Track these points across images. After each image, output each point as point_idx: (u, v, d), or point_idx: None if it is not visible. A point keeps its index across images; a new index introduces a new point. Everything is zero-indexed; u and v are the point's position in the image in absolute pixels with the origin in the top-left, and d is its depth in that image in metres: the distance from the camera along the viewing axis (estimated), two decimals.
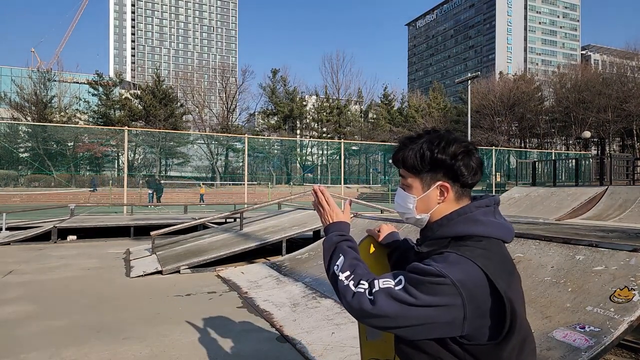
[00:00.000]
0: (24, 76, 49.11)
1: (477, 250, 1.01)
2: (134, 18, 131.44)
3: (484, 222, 1.08)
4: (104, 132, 32.29)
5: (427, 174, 1.12)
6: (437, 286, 0.94)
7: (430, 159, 1.09)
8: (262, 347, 3.24)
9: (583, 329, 2.49)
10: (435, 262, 0.99)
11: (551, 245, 3.50)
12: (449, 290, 0.94)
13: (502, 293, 0.97)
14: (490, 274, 0.97)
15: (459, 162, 1.08)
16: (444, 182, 1.10)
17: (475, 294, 0.96)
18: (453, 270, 0.96)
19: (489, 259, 1.01)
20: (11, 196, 25.55)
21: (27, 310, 4.17)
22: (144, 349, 3.18)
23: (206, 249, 6.71)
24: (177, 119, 50.25)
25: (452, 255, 1.00)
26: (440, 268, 0.96)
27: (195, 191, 33.40)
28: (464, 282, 0.95)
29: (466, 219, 1.08)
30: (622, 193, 10.54)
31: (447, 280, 0.94)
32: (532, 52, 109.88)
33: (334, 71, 60.86)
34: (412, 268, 1.01)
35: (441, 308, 0.95)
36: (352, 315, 1.04)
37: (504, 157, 32.91)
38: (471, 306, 0.95)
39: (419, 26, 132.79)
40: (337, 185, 28.00)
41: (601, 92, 46.11)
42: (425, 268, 0.98)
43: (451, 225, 1.08)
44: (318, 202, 1.32)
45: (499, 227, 1.09)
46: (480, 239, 1.05)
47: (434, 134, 1.14)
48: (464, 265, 0.98)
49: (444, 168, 1.09)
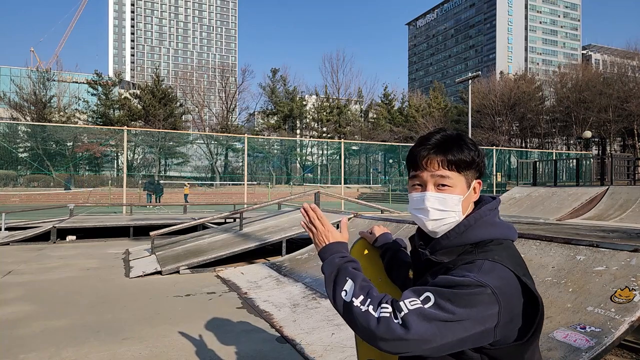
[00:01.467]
0: (23, 76, 49.15)
1: (503, 254, 1.00)
2: (134, 18, 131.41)
3: (499, 224, 1.08)
4: (103, 132, 32.28)
5: (469, 172, 1.09)
6: (476, 297, 0.91)
7: (474, 156, 1.09)
8: (261, 347, 3.23)
9: (584, 329, 2.48)
10: (469, 272, 0.95)
11: (552, 246, 3.49)
12: (488, 299, 0.91)
13: (535, 293, 0.98)
14: (521, 276, 0.97)
15: (483, 160, 1.11)
16: (479, 179, 1.12)
17: (510, 299, 0.95)
18: (490, 278, 0.93)
19: (515, 260, 1.01)
20: (10, 196, 25.54)
21: (26, 311, 4.16)
22: (144, 350, 3.17)
23: (206, 249, 6.70)
24: (176, 118, 50.26)
25: (486, 263, 0.97)
26: (478, 278, 0.93)
27: (195, 191, 33.40)
28: (502, 288, 0.94)
29: (484, 224, 1.07)
30: (623, 193, 10.52)
31: (487, 290, 0.91)
32: (532, 51, 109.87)
33: (334, 71, 61.08)
34: (442, 282, 0.95)
35: (478, 319, 0.91)
36: (379, 345, 0.91)
37: (505, 157, 32.92)
38: (505, 312, 0.94)
39: (419, 26, 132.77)
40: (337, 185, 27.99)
41: (602, 91, 46.11)
42: (461, 280, 0.93)
43: (470, 231, 1.06)
44: (309, 221, 1.17)
45: (509, 228, 1.10)
46: (500, 242, 1.04)
47: (456, 132, 1.12)
48: (499, 271, 0.96)
49: (478, 165, 1.10)
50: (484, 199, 1.15)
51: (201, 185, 38.20)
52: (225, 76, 57.73)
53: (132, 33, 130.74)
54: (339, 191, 22.21)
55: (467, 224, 1.06)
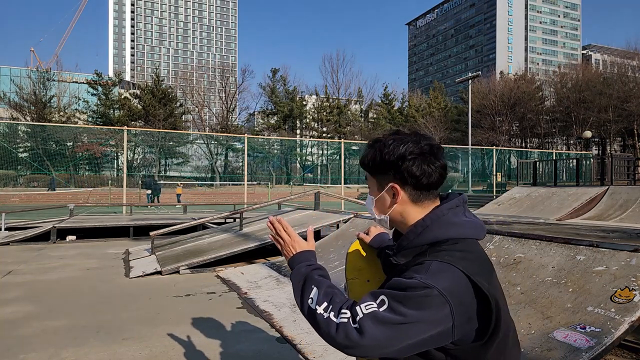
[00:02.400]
0: (23, 76, 49.14)
1: (456, 254, 0.99)
2: (134, 18, 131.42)
3: (457, 223, 1.06)
4: (103, 132, 32.28)
5: (381, 175, 1.12)
6: (424, 299, 0.91)
7: (380, 160, 1.10)
8: (261, 347, 3.23)
9: (584, 329, 2.48)
10: (417, 273, 0.95)
11: (552, 246, 3.49)
12: (437, 301, 0.91)
13: (486, 292, 0.96)
14: (472, 276, 0.96)
15: (407, 164, 1.06)
16: (394, 183, 1.10)
17: (462, 299, 0.94)
18: (437, 280, 0.93)
19: (469, 260, 1.00)
20: (10, 196, 25.54)
21: (26, 311, 4.16)
22: (144, 350, 3.17)
23: (206, 249, 6.70)
24: (176, 118, 50.26)
25: (434, 264, 0.97)
26: (424, 279, 0.93)
27: (194, 191, 33.39)
28: (450, 289, 0.93)
29: (440, 223, 1.06)
30: (623, 193, 10.52)
31: (433, 292, 0.91)
32: (532, 51, 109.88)
33: (334, 71, 60.96)
34: (394, 284, 0.96)
35: (431, 321, 0.91)
36: (341, 351, 0.93)
37: (505, 157, 32.89)
38: (459, 312, 0.93)
39: (419, 26, 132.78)
40: (337, 185, 27.99)
41: (602, 91, 46.14)
42: (409, 282, 0.93)
43: (426, 231, 1.05)
44: (276, 233, 1.22)
45: (471, 226, 1.08)
46: (456, 242, 1.03)
47: (390, 136, 1.13)
48: (447, 272, 0.95)
49: (392, 169, 1.09)
50: (450, 196, 1.13)
51: (201, 185, 38.18)
52: (225, 76, 57.74)
53: (132, 33, 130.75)
54: (339, 191, 22.21)
55: (424, 224, 1.06)
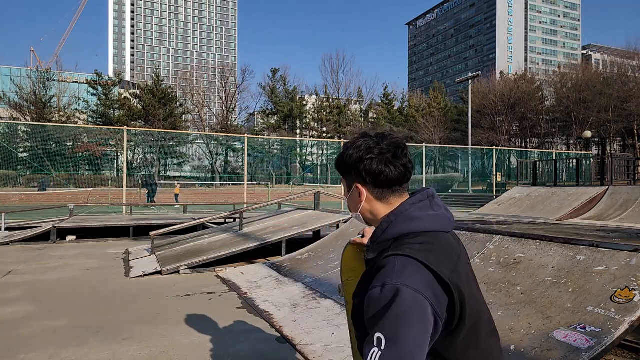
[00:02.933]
0: (23, 76, 49.14)
1: (415, 246, 1.01)
2: (134, 18, 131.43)
3: (419, 217, 1.08)
4: (103, 132, 32.27)
5: (347, 176, 1.17)
6: (413, 309, 0.90)
7: (343, 163, 1.15)
8: (261, 347, 3.23)
9: (584, 329, 2.48)
10: (387, 277, 0.94)
11: (552, 246, 3.49)
12: (420, 302, 0.92)
13: (446, 280, 0.97)
14: (432, 265, 0.97)
15: (363, 164, 1.11)
16: (357, 183, 1.14)
17: (432, 288, 0.95)
18: (407, 278, 0.93)
19: (428, 250, 1.01)
20: (10, 196, 25.54)
21: (26, 311, 4.16)
22: (144, 350, 3.17)
23: (206, 249, 6.70)
24: (176, 118, 50.26)
25: (397, 260, 0.97)
26: (395, 280, 0.93)
27: (195, 191, 33.38)
28: (421, 284, 0.94)
29: (402, 219, 1.08)
30: (623, 193, 10.53)
31: (413, 294, 0.91)
32: (532, 51, 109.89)
33: (334, 71, 60.92)
34: (373, 306, 0.94)
35: (424, 323, 0.92)
36: None
37: (505, 157, 32.87)
38: (435, 300, 0.94)
39: (419, 26, 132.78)
40: (337, 185, 27.98)
41: (602, 91, 46.14)
42: (385, 294, 0.92)
43: (391, 227, 1.08)
44: None
45: (434, 219, 1.10)
46: (416, 235, 1.05)
47: (353, 138, 1.17)
48: (411, 266, 0.96)
49: (352, 170, 1.14)
50: (417, 192, 1.16)
51: (201, 185, 38.17)
52: (225, 76, 57.73)
53: (132, 33, 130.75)
54: (339, 191, 22.20)
55: (389, 220, 1.09)
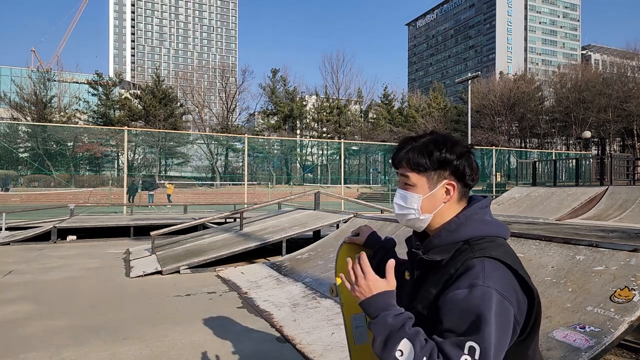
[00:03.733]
0: (23, 76, 49.10)
1: (499, 249, 1.02)
2: (134, 18, 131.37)
3: (490, 222, 1.10)
4: (104, 132, 32.28)
5: (434, 173, 1.11)
6: (501, 311, 0.91)
7: (439, 158, 1.10)
8: (262, 347, 3.24)
9: (583, 329, 2.49)
10: (476, 279, 0.94)
11: (551, 245, 3.49)
12: (507, 306, 0.93)
13: (531, 285, 0.99)
14: (518, 270, 0.99)
15: (464, 162, 1.10)
16: (451, 180, 1.11)
17: (518, 298, 0.97)
18: (496, 280, 0.94)
19: (510, 255, 1.02)
20: (11, 196, 25.55)
21: (27, 310, 4.16)
22: (144, 349, 3.17)
23: (206, 249, 6.71)
24: (176, 118, 50.23)
25: (486, 262, 0.97)
26: (486, 282, 0.93)
27: (195, 191, 33.37)
28: (508, 289, 0.95)
29: (475, 221, 1.08)
30: (622, 193, 10.52)
31: (498, 297, 0.92)
32: (532, 52, 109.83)
33: (334, 71, 60.91)
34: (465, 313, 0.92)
35: (509, 328, 0.93)
36: None
37: (504, 157, 32.90)
38: (519, 311, 0.96)
39: (419, 26, 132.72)
40: (337, 185, 27.99)
41: (601, 92, 46.11)
42: (475, 296, 0.92)
43: (460, 229, 1.07)
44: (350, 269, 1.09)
45: (500, 226, 1.11)
46: (492, 239, 1.05)
47: (437, 135, 1.15)
48: (499, 270, 0.97)
49: (451, 167, 1.10)
50: (475, 198, 1.16)
51: (201, 185, 38.17)
52: (225, 76, 57.69)
53: (132, 33, 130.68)
54: (339, 191, 22.21)
55: (458, 221, 1.08)
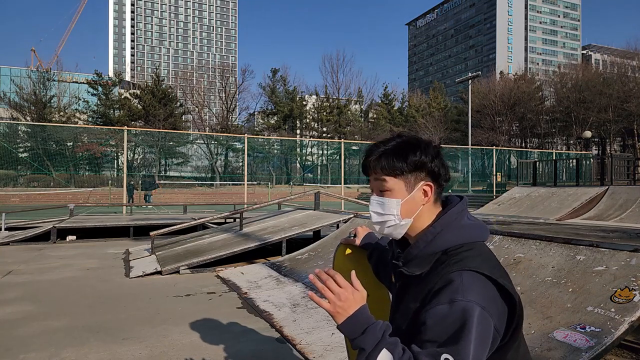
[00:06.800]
0: (23, 76, 49.08)
1: (476, 259, 0.99)
2: (134, 18, 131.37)
3: (467, 226, 1.07)
4: (104, 132, 32.26)
5: (411, 175, 1.09)
6: (481, 326, 0.90)
7: (415, 160, 1.08)
8: (261, 347, 3.23)
9: (584, 329, 2.48)
10: (456, 294, 0.93)
11: (552, 246, 3.49)
12: (483, 320, 0.91)
13: (512, 293, 0.97)
14: (497, 278, 0.96)
15: (438, 162, 1.09)
16: (428, 182, 1.09)
17: (498, 310, 0.96)
18: (475, 294, 0.92)
19: (488, 263, 1.00)
20: (10, 196, 25.54)
21: (26, 311, 4.16)
22: (144, 350, 3.17)
23: (206, 249, 6.70)
24: (176, 118, 50.23)
25: (464, 275, 0.95)
26: (465, 297, 0.91)
27: (194, 191, 33.37)
28: (488, 302, 0.93)
29: (452, 228, 1.05)
30: (622, 193, 10.52)
31: (480, 310, 0.91)
32: (532, 51, 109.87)
33: (334, 71, 60.80)
34: (444, 330, 0.90)
35: (488, 340, 0.92)
36: None
37: (505, 157, 32.84)
38: (497, 316, 0.95)
39: (419, 26, 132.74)
40: (337, 185, 27.97)
41: (602, 91, 46.12)
42: (455, 311, 0.90)
43: (438, 238, 1.04)
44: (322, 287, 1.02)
45: (478, 229, 1.08)
46: (470, 247, 1.03)
47: (407, 137, 1.13)
48: (479, 282, 0.95)
49: (426, 168, 1.09)
50: (451, 200, 1.13)
51: (201, 185, 38.17)
52: (225, 76, 57.68)
53: (132, 33, 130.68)
54: (339, 191, 22.20)
55: (434, 231, 1.05)
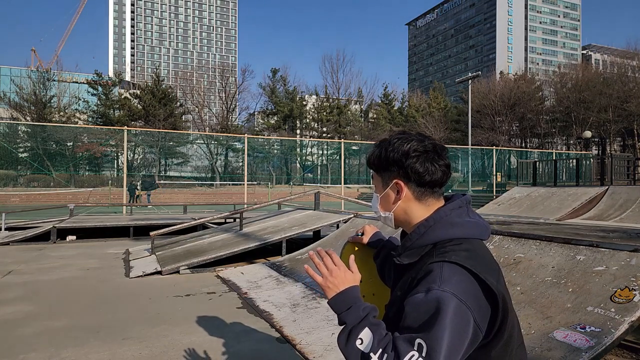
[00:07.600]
0: (23, 76, 49.09)
1: (461, 253, 1.00)
2: (134, 17, 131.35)
3: (460, 223, 1.07)
4: (104, 132, 32.25)
5: (385, 172, 1.14)
6: (457, 316, 0.89)
7: (384, 157, 1.12)
8: (261, 347, 3.23)
9: (584, 329, 2.48)
10: (433, 283, 0.93)
11: (552, 246, 3.49)
12: (464, 311, 0.91)
13: (494, 289, 0.97)
14: (480, 274, 0.96)
15: (410, 161, 1.08)
16: (398, 179, 1.11)
17: (479, 302, 0.95)
18: (453, 285, 0.93)
19: (474, 258, 1.00)
20: (10, 196, 25.53)
21: (26, 311, 4.16)
22: (144, 350, 3.17)
23: (206, 249, 6.70)
24: (176, 118, 50.25)
25: (444, 267, 0.96)
26: (443, 287, 0.92)
27: (194, 191, 33.37)
28: (467, 294, 0.93)
29: (443, 223, 1.06)
30: (622, 193, 10.53)
31: (456, 301, 0.90)
32: (532, 51, 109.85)
33: (334, 71, 60.89)
34: (415, 313, 0.92)
35: (466, 332, 0.91)
36: None
37: (505, 157, 32.83)
38: (476, 310, 0.94)
39: (419, 26, 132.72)
40: (337, 185, 27.97)
41: (602, 91, 46.15)
42: (429, 299, 0.91)
43: (429, 232, 1.06)
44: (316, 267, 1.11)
45: (475, 227, 1.08)
46: (460, 241, 1.04)
47: (396, 134, 1.15)
48: (458, 274, 0.95)
49: (396, 166, 1.11)
50: (454, 198, 1.14)
51: (201, 185, 38.17)
52: (225, 76, 57.69)
53: (132, 33, 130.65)
54: (339, 191, 22.20)
55: (427, 224, 1.07)
